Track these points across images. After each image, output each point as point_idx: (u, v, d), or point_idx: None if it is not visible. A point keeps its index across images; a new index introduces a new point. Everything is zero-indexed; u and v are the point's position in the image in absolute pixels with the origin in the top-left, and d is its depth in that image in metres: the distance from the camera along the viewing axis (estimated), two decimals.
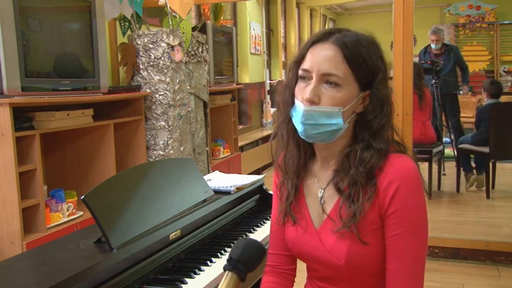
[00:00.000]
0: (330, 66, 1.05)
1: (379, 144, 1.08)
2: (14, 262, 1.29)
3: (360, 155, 1.08)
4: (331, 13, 11.52)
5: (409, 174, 1.06)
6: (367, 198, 1.06)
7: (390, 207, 1.05)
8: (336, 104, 1.06)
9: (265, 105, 7.17)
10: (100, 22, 2.70)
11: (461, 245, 3.21)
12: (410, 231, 1.05)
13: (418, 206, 1.06)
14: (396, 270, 1.06)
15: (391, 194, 1.05)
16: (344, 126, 1.08)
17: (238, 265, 1.06)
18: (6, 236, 2.18)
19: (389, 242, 1.07)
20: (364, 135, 1.10)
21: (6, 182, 2.16)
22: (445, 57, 5.50)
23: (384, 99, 1.09)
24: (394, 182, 1.05)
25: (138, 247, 1.31)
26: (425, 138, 4.53)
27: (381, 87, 1.09)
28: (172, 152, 3.25)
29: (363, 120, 1.10)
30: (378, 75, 1.09)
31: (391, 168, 1.07)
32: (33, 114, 2.34)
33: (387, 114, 1.10)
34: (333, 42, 1.07)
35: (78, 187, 2.72)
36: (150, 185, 1.51)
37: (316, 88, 1.06)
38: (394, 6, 2.98)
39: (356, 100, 1.08)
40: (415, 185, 1.06)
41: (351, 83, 1.07)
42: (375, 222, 1.07)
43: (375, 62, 1.09)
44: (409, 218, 1.05)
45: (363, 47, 1.08)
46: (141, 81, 3.22)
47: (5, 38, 2.10)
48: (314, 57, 1.08)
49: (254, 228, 1.79)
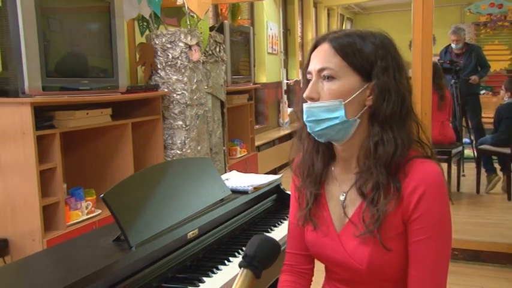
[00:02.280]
0: (323, 61, 1.08)
1: (389, 135, 1.06)
2: (35, 259, 1.31)
3: (374, 150, 1.06)
4: (348, 13, 11.46)
5: (435, 180, 1.04)
6: (390, 200, 1.04)
7: (415, 212, 1.04)
8: (334, 96, 1.06)
9: (282, 105, 7.16)
10: (119, 22, 2.72)
11: (481, 247, 3.16)
12: (434, 237, 1.04)
13: (442, 212, 1.05)
14: (419, 276, 1.05)
15: (416, 199, 1.03)
16: (354, 122, 1.07)
17: (254, 262, 1.06)
18: (28, 233, 2.22)
19: (412, 248, 1.05)
20: (375, 128, 1.08)
21: (28, 180, 2.19)
22: (466, 57, 5.40)
23: (387, 87, 1.06)
24: (419, 187, 1.03)
25: (156, 246, 1.32)
26: (444, 139, 4.46)
27: (382, 76, 1.06)
28: (189, 152, 3.26)
29: (374, 113, 1.08)
30: (376, 63, 1.07)
31: (416, 173, 1.05)
32: (54, 113, 2.37)
33: (394, 103, 1.06)
34: (327, 41, 1.09)
35: (97, 186, 2.75)
36: (168, 184, 1.52)
37: (315, 85, 1.08)
38: (413, 6, 2.95)
39: (360, 91, 1.07)
40: (441, 191, 1.04)
41: (348, 75, 1.07)
42: (398, 227, 1.06)
43: (371, 50, 1.07)
44: (434, 223, 1.04)
45: (356, 37, 1.08)
46: (159, 80, 3.24)
47: (27, 38, 2.13)
48: (313, 59, 1.11)
49: (271, 228, 1.79)
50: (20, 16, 2.10)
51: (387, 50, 1.09)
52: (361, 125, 1.09)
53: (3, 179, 2.23)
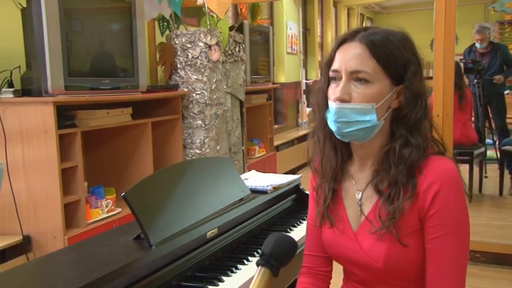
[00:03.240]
0: (358, 63, 1.05)
1: (417, 140, 1.07)
2: (57, 256, 1.32)
3: (399, 152, 1.06)
4: (368, 12, 11.36)
5: (450, 176, 1.04)
6: (407, 198, 1.04)
7: (431, 209, 1.03)
8: (368, 100, 1.05)
9: (301, 105, 7.14)
10: (140, 22, 2.74)
11: (504, 250, 3.10)
12: (451, 234, 1.03)
13: (459, 208, 1.04)
14: (436, 274, 1.04)
15: (432, 195, 1.03)
16: (380, 123, 1.07)
17: (271, 260, 1.06)
18: (49, 230, 2.25)
19: (429, 245, 1.05)
20: (401, 131, 1.08)
21: (50, 178, 2.23)
22: (491, 56, 5.28)
23: (417, 92, 1.07)
24: (435, 183, 1.03)
25: (176, 244, 1.32)
26: (466, 140, 4.39)
27: (413, 81, 1.07)
28: (208, 151, 3.27)
29: (399, 115, 1.08)
30: (409, 68, 1.07)
31: (431, 170, 1.05)
32: (75, 112, 2.40)
33: (422, 108, 1.08)
34: (359, 40, 1.07)
35: (117, 184, 2.77)
36: (187, 183, 1.53)
37: (346, 86, 1.06)
38: (435, 5, 2.90)
39: (389, 95, 1.07)
40: (456, 187, 1.04)
41: (381, 78, 1.06)
42: (414, 225, 1.05)
43: (404, 55, 1.07)
44: (450, 220, 1.03)
45: (390, 42, 1.07)
46: (179, 80, 3.26)
47: (51, 38, 2.16)
48: (342, 57, 1.08)
49: (290, 228, 1.78)
50: (44, 17, 2.14)
51: (414, 53, 1.09)
52: (383, 126, 1.09)
53: (27, 177, 2.27)
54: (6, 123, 2.23)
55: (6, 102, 2.25)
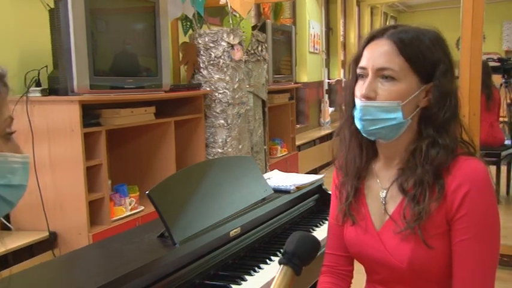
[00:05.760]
0: (384, 60, 1.04)
1: (445, 140, 1.04)
2: (83, 253, 1.35)
3: (426, 152, 1.04)
4: (392, 11, 11.23)
5: (480, 177, 1.01)
6: (434, 199, 1.02)
7: (459, 211, 1.01)
8: (393, 98, 1.03)
9: (323, 104, 7.09)
10: (163, 22, 2.76)
11: None
12: (481, 237, 1.00)
13: (489, 211, 1.01)
14: (464, 277, 1.01)
15: (461, 197, 1.00)
16: (407, 122, 1.06)
17: (293, 259, 1.05)
18: (75, 227, 2.29)
19: (457, 248, 1.02)
20: (428, 130, 1.06)
21: (75, 176, 2.26)
22: None
23: (447, 91, 1.05)
24: (464, 184, 1.00)
25: (199, 243, 1.33)
26: (494, 141, 4.30)
27: (443, 80, 1.05)
28: (230, 150, 3.28)
29: (427, 114, 1.06)
30: (438, 67, 1.05)
31: (460, 170, 1.02)
32: (100, 111, 2.44)
33: (452, 108, 1.06)
34: (387, 38, 1.06)
35: (140, 182, 2.80)
36: (211, 182, 1.53)
37: (372, 84, 1.05)
38: (462, 2, 2.85)
39: (417, 93, 1.05)
40: (486, 189, 1.01)
41: (409, 76, 1.04)
42: (441, 226, 1.03)
43: (434, 54, 1.05)
44: (479, 223, 1.00)
45: (420, 40, 1.05)
46: (201, 79, 3.27)
47: (77, 38, 2.20)
48: (369, 54, 1.07)
49: (313, 228, 1.78)
50: (70, 17, 2.17)
51: (445, 52, 1.07)
52: (410, 125, 1.07)
53: (53, 175, 2.31)
54: (34, 122, 2.27)
55: (34, 101, 2.29)
